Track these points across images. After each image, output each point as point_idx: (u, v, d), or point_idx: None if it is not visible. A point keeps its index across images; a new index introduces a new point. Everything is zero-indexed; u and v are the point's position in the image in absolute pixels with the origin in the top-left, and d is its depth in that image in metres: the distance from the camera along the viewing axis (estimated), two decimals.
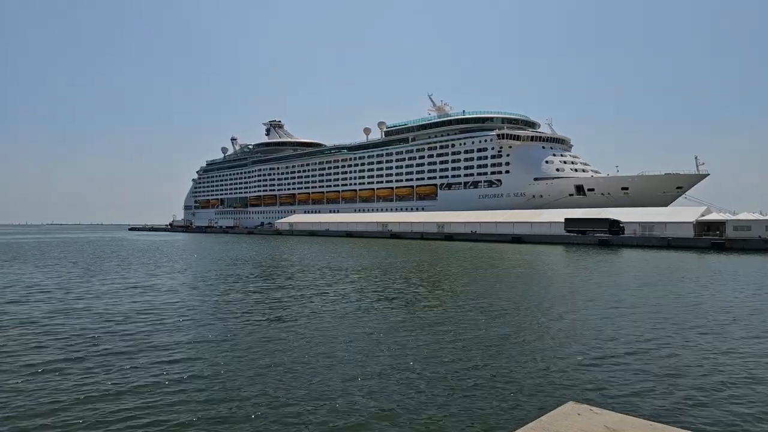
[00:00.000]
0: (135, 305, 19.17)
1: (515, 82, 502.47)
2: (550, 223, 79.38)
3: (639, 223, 71.51)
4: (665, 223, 69.13)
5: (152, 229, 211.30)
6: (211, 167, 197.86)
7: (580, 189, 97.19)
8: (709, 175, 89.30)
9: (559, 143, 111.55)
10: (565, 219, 76.82)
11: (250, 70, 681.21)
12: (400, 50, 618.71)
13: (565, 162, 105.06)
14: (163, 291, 23.38)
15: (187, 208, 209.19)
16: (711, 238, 62.54)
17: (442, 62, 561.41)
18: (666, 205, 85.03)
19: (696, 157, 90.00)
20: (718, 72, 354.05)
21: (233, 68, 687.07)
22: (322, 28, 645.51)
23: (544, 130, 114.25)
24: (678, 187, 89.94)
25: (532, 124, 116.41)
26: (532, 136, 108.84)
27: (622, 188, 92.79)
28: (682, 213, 72.48)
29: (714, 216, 68.75)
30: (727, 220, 64.78)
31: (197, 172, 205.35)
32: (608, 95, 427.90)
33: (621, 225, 71.86)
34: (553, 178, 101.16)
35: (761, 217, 63.82)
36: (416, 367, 11.02)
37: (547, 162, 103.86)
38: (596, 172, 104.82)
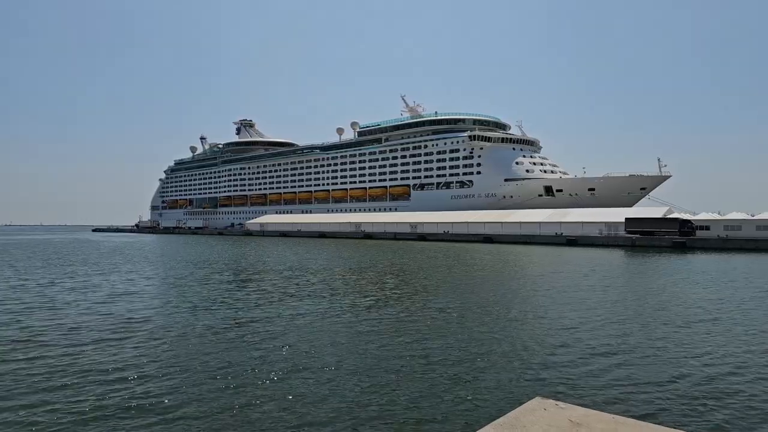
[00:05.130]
0: (97, 313, 18.56)
1: (490, 84, 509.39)
2: (520, 223, 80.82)
3: (605, 222, 73.49)
4: None
5: (117, 230, 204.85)
6: (180, 167, 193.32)
7: (549, 190, 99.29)
8: (671, 176, 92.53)
9: (529, 145, 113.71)
10: (626, 219, 70.23)
11: (220, 67, 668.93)
12: (379, 51, 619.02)
13: (534, 163, 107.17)
14: (124, 298, 22.74)
15: (154, 208, 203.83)
16: (673, 237, 64.79)
17: (421, 63, 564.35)
18: (631, 206, 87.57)
19: (659, 159, 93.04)
20: (682, 76, 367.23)
21: (203, 65, 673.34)
22: (297, 27, 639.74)
23: (515, 131, 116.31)
24: (642, 188, 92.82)
25: (502, 126, 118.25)
26: (503, 138, 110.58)
27: (589, 189, 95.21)
28: (647, 213, 74.76)
29: (676, 216, 71.19)
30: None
31: (165, 171, 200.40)
32: (578, 97, 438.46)
33: (692, 225, 65.82)
34: (523, 179, 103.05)
35: (719, 217, 66.52)
36: (384, 366, 11.02)
37: (517, 163, 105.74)
38: (564, 173, 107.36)
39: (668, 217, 69.47)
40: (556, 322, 15.95)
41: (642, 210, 78.16)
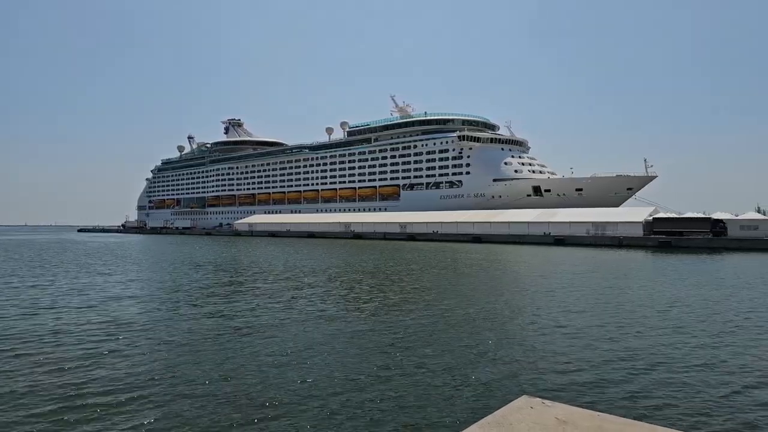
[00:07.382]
0: (81, 315, 18.30)
1: (489, 84, 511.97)
2: (509, 223, 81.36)
3: (592, 222, 74.24)
4: (617, 223, 71.97)
5: (103, 230, 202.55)
6: (167, 166, 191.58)
7: (537, 190, 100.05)
8: (657, 176, 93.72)
9: (518, 145, 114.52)
10: (654, 219, 68.61)
11: (220, 67, 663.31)
12: (379, 51, 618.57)
13: (523, 163, 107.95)
14: (109, 301, 22.46)
15: (140, 208, 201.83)
16: (659, 237, 65.58)
17: (421, 63, 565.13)
18: (617, 206, 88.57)
19: (645, 160, 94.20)
20: (680, 76, 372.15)
21: (203, 65, 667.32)
22: (297, 27, 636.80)
23: (503, 132, 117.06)
24: (629, 188, 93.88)
25: (491, 126, 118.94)
26: (492, 138, 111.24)
27: (577, 189, 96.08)
28: (633, 213, 75.59)
29: (662, 216, 72.03)
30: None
31: (152, 171, 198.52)
32: (578, 97, 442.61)
33: (724, 225, 64.43)
34: (512, 179, 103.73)
35: (704, 217, 67.34)
36: (371, 366, 11.00)
37: (506, 163, 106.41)
38: (552, 173, 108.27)
39: (699, 216, 67.70)
40: (544, 321, 16.04)
41: (629, 211, 78.74)
